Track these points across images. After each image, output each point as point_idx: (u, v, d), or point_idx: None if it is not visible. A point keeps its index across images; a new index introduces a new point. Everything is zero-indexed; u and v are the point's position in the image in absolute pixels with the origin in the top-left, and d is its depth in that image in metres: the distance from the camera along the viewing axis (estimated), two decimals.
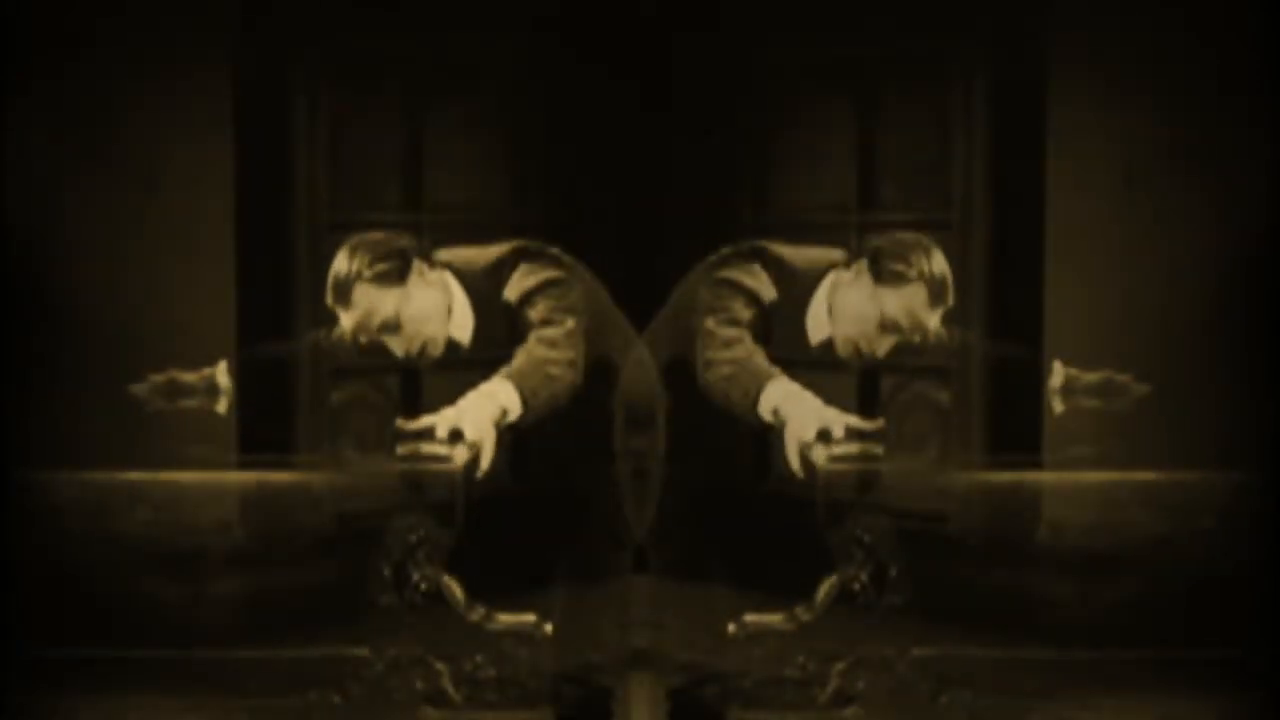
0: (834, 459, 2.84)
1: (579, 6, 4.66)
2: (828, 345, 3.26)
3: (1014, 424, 3.64)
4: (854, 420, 2.94)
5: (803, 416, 2.91)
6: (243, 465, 3.19)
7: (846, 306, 3.22)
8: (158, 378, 3.75)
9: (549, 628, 2.84)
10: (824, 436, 2.88)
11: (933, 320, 3.18)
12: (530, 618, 2.85)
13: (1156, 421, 3.78)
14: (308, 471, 3.11)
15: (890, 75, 4.89)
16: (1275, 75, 4.44)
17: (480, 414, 2.87)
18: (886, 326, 3.15)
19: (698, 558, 3.32)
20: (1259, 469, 2.94)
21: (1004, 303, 4.98)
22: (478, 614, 2.83)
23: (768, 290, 3.28)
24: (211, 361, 4.21)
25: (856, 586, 2.84)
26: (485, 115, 4.70)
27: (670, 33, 4.72)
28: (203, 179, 4.71)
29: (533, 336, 3.15)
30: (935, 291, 3.16)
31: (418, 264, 3.18)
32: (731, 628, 2.89)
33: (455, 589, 2.82)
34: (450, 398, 2.98)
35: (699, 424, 3.40)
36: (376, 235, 3.24)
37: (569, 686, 2.91)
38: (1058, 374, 3.75)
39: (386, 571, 2.79)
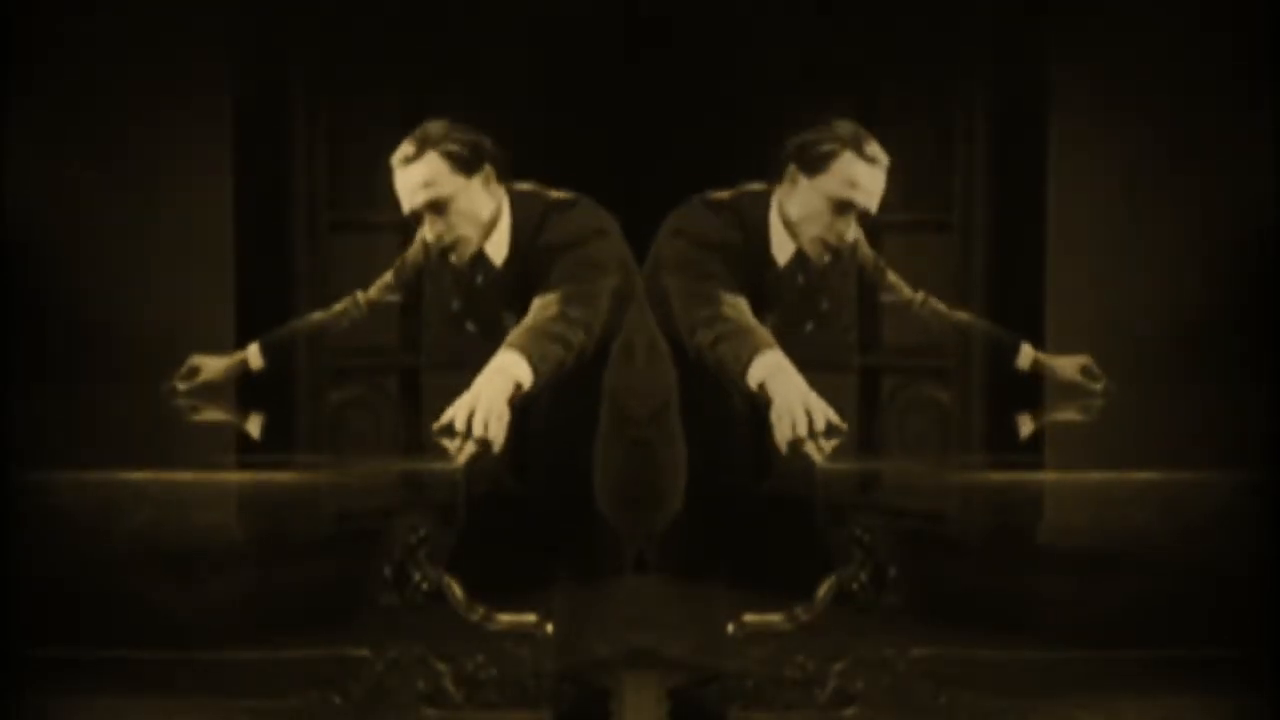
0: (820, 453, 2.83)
1: (580, 7, 4.66)
2: (802, 263, 3.28)
3: (1014, 424, 3.65)
4: (833, 416, 2.91)
5: (786, 401, 2.88)
6: (243, 465, 3.19)
7: (796, 212, 3.28)
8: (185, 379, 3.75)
9: (549, 628, 2.84)
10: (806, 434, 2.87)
11: (879, 180, 3.22)
12: (531, 617, 2.85)
13: (1157, 421, 3.78)
14: (308, 471, 3.10)
15: (891, 75, 4.88)
16: (1277, 75, 4.44)
17: (496, 398, 2.83)
18: (840, 207, 3.23)
19: (698, 558, 3.32)
20: (1259, 469, 2.94)
21: (1004, 303, 4.98)
22: (478, 614, 2.83)
23: (730, 235, 3.30)
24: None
25: (856, 586, 2.84)
26: (485, 116, 4.69)
27: (670, 33, 4.71)
28: (202, 179, 4.70)
29: (550, 294, 3.13)
30: (861, 150, 3.22)
31: (488, 169, 3.26)
32: (731, 628, 2.89)
33: (456, 589, 2.82)
34: (448, 398, 2.97)
35: (700, 423, 3.40)
36: (463, 128, 3.29)
37: (569, 686, 2.91)
38: (1025, 356, 3.76)
39: (387, 571, 2.79)
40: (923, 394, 4.36)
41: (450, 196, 3.22)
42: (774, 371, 2.95)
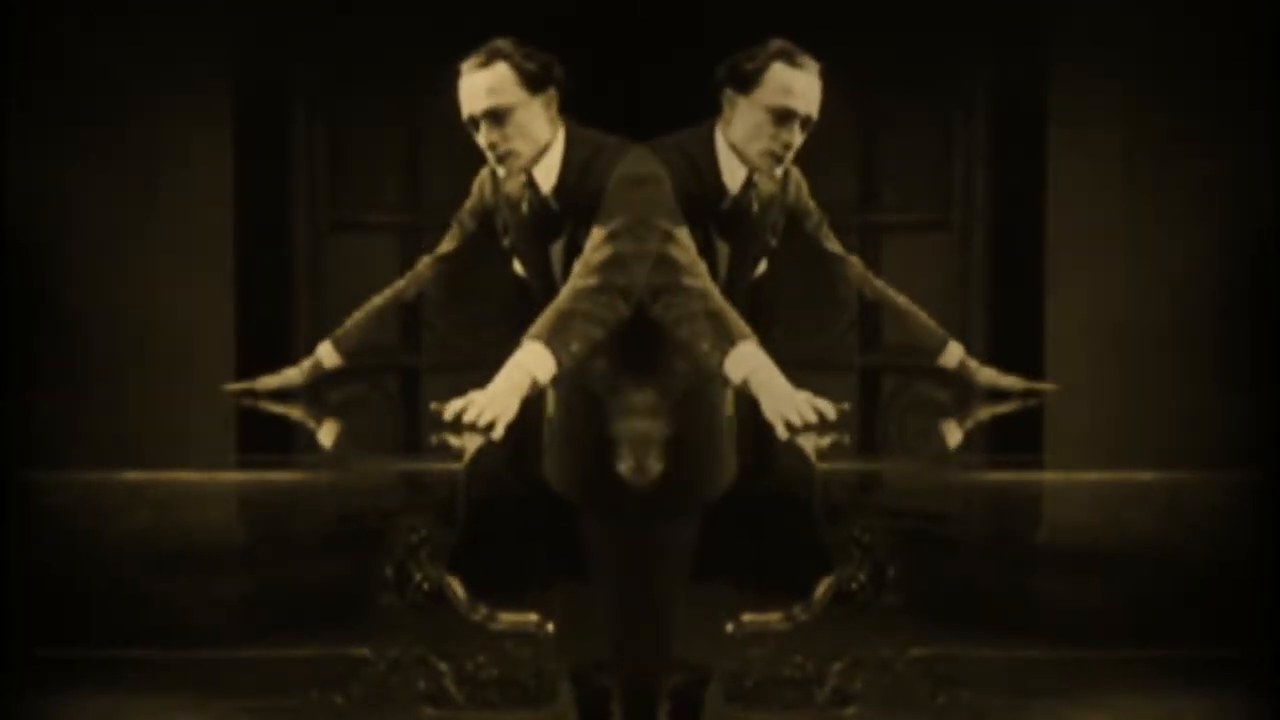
0: (818, 450, 2.84)
1: (579, 8, 4.66)
2: (755, 189, 3.36)
3: (1014, 424, 3.65)
4: (824, 405, 2.91)
5: (776, 398, 2.90)
6: (243, 465, 3.19)
7: (740, 132, 3.33)
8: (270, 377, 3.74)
9: (550, 627, 2.84)
10: (797, 430, 2.87)
11: (814, 86, 3.28)
12: (533, 617, 2.85)
13: (1156, 421, 3.78)
14: (308, 471, 3.10)
15: (890, 75, 4.89)
16: (1277, 73, 4.44)
17: (505, 395, 2.86)
18: (781, 116, 3.27)
19: (698, 558, 3.31)
20: (1259, 469, 2.94)
21: (1004, 303, 4.98)
22: (480, 614, 2.83)
23: (680, 176, 3.29)
24: (213, 362, 4.20)
25: (855, 586, 2.84)
26: None
27: (669, 33, 4.72)
28: (203, 180, 4.71)
29: (597, 253, 3.10)
30: (792, 59, 3.28)
31: (552, 93, 3.28)
32: (730, 627, 2.89)
33: (457, 588, 2.82)
34: (448, 397, 2.97)
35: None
36: (545, 54, 3.31)
37: (569, 686, 2.90)
38: (952, 355, 3.75)
39: (388, 571, 2.79)
40: (923, 394, 4.36)
41: (511, 107, 3.24)
42: (754, 368, 2.95)
